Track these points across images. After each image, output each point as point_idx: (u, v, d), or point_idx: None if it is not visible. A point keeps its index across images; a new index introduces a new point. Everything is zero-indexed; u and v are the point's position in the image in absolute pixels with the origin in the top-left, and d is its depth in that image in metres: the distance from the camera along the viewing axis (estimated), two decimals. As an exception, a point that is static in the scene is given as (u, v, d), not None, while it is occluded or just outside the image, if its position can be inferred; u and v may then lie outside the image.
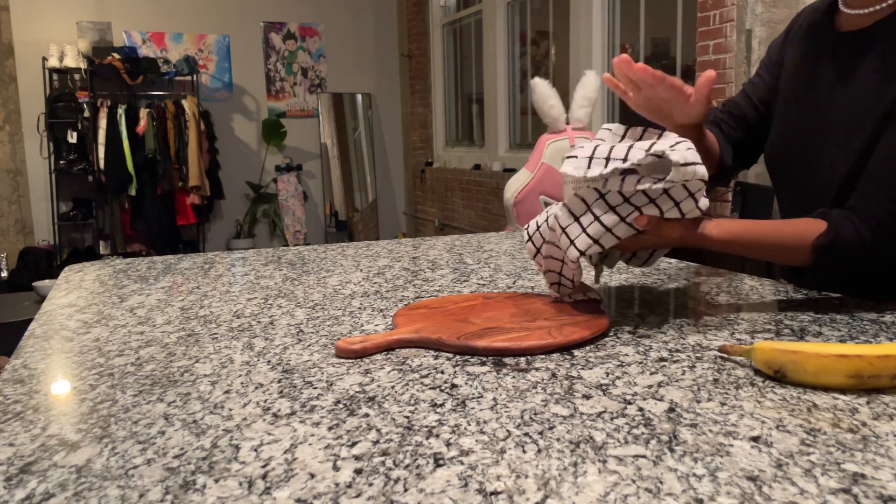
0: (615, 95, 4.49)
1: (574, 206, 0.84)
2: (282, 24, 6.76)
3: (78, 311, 1.04)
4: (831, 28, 1.05)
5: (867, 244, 0.91)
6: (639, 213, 0.82)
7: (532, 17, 5.38)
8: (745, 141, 1.17)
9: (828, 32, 1.05)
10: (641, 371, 0.70)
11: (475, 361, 0.74)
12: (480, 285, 1.13)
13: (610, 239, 0.83)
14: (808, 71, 1.07)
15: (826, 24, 1.07)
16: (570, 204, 0.85)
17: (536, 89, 3.21)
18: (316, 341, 0.84)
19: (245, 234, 6.69)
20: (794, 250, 0.92)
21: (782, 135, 1.10)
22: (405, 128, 7.24)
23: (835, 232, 0.91)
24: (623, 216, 0.82)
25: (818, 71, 1.05)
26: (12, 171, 5.96)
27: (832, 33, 1.04)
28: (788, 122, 1.09)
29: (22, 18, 5.92)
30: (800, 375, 0.65)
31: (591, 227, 0.83)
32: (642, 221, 0.82)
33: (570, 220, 0.84)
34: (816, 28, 1.09)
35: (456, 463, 0.51)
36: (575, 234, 0.83)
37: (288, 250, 1.57)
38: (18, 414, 0.63)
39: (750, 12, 3.08)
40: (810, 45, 1.08)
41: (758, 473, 0.48)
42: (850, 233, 0.91)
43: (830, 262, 0.92)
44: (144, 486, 0.49)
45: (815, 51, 1.07)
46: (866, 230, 0.91)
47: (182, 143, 5.94)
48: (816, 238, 0.91)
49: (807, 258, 0.92)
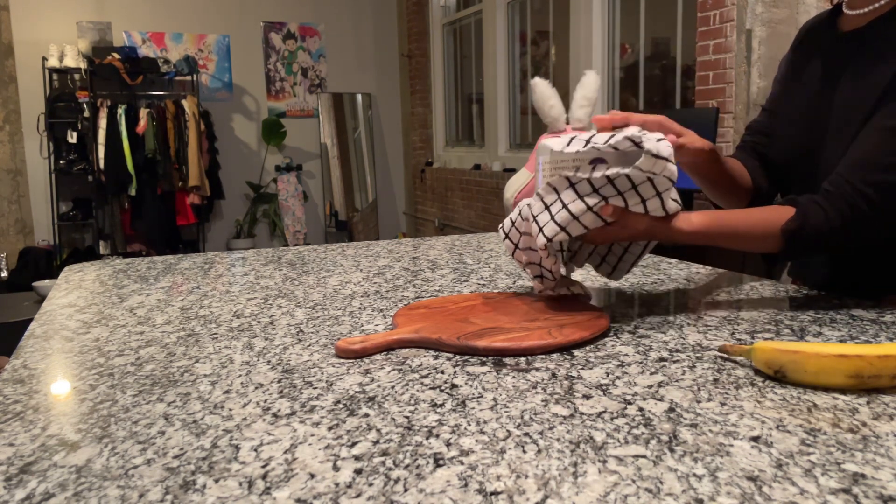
0: (615, 96, 4.51)
1: (545, 194, 0.86)
2: (282, 24, 6.77)
3: (78, 311, 1.04)
4: (833, 31, 1.06)
5: (836, 227, 0.90)
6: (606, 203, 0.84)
7: (532, 17, 5.38)
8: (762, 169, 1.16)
9: (830, 35, 1.07)
10: (641, 371, 0.70)
11: (475, 361, 0.74)
12: (480, 285, 1.13)
13: (577, 227, 0.84)
14: (811, 74, 1.08)
15: (828, 28, 1.08)
16: (541, 192, 0.86)
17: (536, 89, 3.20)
18: (316, 341, 0.84)
19: (245, 234, 6.69)
20: (764, 237, 0.91)
21: (787, 137, 1.11)
22: (405, 128, 7.24)
23: (802, 217, 0.90)
24: (590, 205, 0.83)
25: (820, 73, 1.06)
26: (12, 171, 5.96)
27: (834, 35, 1.06)
28: (793, 124, 1.10)
29: (22, 18, 5.92)
30: (800, 375, 0.65)
31: (559, 215, 0.84)
32: (608, 210, 0.83)
33: (540, 209, 0.86)
34: (819, 33, 1.10)
35: (456, 463, 0.51)
36: (544, 222, 0.85)
37: (288, 250, 1.57)
38: (18, 414, 0.63)
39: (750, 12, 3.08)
40: (813, 49, 1.10)
41: (758, 473, 0.48)
42: (819, 216, 0.90)
43: (800, 247, 0.91)
44: (144, 486, 0.49)
45: (818, 54, 1.08)
46: (835, 213, 0.90)
47: (182, 143, 5.94)
48: (785, 223, 0.90)
49: (777, 244, 0.91)
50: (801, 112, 1.08)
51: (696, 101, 3.39)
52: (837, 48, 1.04)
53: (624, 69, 4.39)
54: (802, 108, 1.08)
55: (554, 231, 0.84)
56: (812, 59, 1.09)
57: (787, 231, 0.90)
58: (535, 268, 0.92)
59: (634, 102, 4.29)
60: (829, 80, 1.04)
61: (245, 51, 6.65)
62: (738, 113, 3.18)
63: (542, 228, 0.85)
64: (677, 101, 3.86)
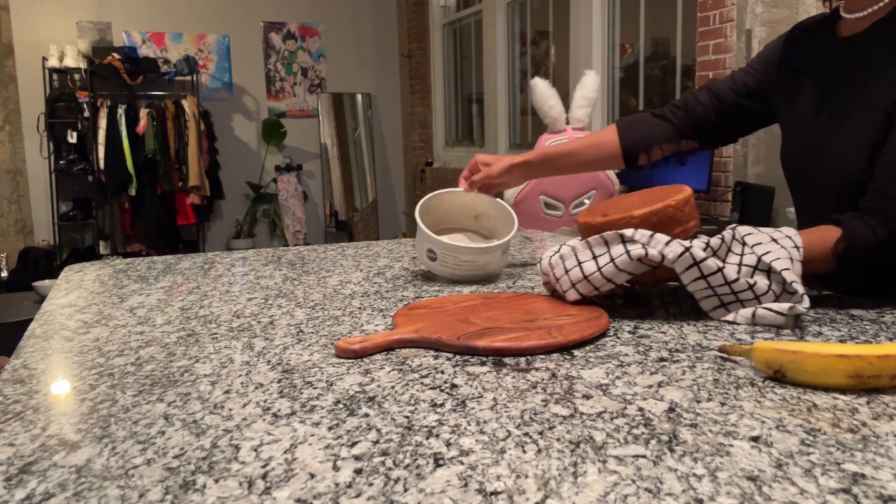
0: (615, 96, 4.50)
1: (592, 245, 0.91)
2: (282, 24, 6.76)
3: (78, 311, 1.04)
4: (834, 36, 1.07)
5: (884, 242, 0.92)
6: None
7: (532, 17, 5.38)
8: (717, 122, 1.21)
9: (831, 40, 1.07)
10: (641, 371, 0.70)
11: (475, 361, 0.74)
12: (480, 285, 1.13)
13: (622, 277, 0.88)
14: (816, 79, 1.08)
15: (827, 33, 1.08)
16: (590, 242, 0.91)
17: (536, 89, 3.21)
18: (316, 341, 0.84)
19: (245, 234, 6.69)
20: (816, 261, 0.92)
21: (797, 141, 1.12)
22: (405, 128, 7.24)
23: (850, 237, 0.92)
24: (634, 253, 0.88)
25: (826, 77, 1.07)
26: (12, 171, 5.96)
27: (835, 40, 1.06)
28: (801, 128, 1.10)
29: (22, 18, 5.92)
30: (800, 375, 0.65)
31: (605, 268, 0.89)
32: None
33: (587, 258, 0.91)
34: (818, 39, 1.10)
35: (456, 463, 0.51)
36: (589, 272, 0.90)
37: (288, 250, 1.57)
38: (18, 414, 0.63)
39: (750, 12, 3.08)
40: (814, 55, 1.10)
41: (758, 473, 0.48)
42: (866, 234, 0.92)
43: (853, 266, 0.93)
44: (144, 486, 0.49)
45: (820, 59, 1.08)
46: (881, 229, 0.92)
47: (182, 143, 5.94)
48: (834, 245, 0.92)
49: (829, 266, 0.93)
50: (810, 117, 1.08)
51: (696, 101, 3.38)
52: (842, 52, 1.04)
53: (624, 69, 4.39)
54: (813, 113, 1.08)
55: (598, 283, 0.89)
56: (813, 66, 1.09)
57: (838, 253, 0.92)
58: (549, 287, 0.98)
59: (634, 102, 4.29)
60: (837, 85, 1.04)
61: (245, 51, 6.65)
62: (738, 113, 3.17)
63: (587, 277, 0.89)
64: (677, 101, 3.85)
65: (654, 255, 0.84)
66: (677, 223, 0.93)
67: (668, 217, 0.93)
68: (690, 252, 0.84)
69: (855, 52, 1.02)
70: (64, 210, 6.04)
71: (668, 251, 0.84)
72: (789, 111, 1.13)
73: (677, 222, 0.93)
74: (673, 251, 0.84)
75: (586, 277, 0.89)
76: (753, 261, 0.87)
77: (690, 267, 0.85)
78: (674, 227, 0.93)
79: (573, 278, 0.90)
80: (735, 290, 0.86)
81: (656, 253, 0.84)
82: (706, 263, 0.84)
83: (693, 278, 0.86)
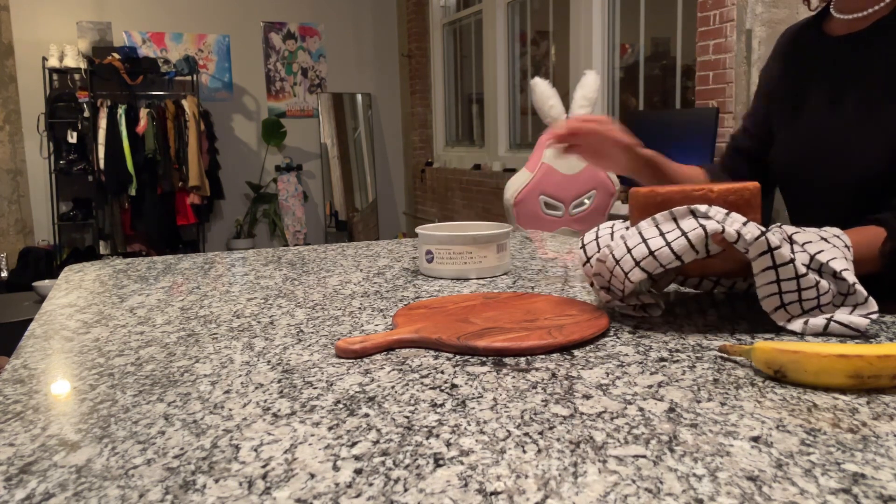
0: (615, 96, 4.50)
1: (657, 222, 0.83)
2: (282, 24, 6.77)
3: (78, 311, 1.04)
4: (823, 37, 1.06)
5: None
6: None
7: (532, 17, 5.38)
8: (745, 173, 1.20)
9: (821, 41, 1.06)
10: (641, 371, 0.70)
11: (475, 361, 0.74)
12: (480, 285, 1.13)
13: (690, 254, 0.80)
14: (809, 81, 1.07)
15: (816, 35, 1.07)
16: (657, 219, 0.83)
17: (536, 89, 3.21)
18: (316, 341, 0.84)
19: (245, 234, 6.69)
20: (863, 262, 0.91)
21: (794, 144, 1.11)
22: (405, 128, 7.24)
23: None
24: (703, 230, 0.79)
25: (821, 78, 1.05)
26: (12, 171, 5.96)
27: (826, 41, 1.05)
28: (799, 131, 1.09)
29: (22, 18, 5.92)
30: (800, 375, 0.65)
31: (672, 243, 0.80)
32: (718, 237, 0.79)
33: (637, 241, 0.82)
34: (805, 41, 1.09)
35: (456, 463, 0.51)
36: (655, 247, 0.81)
37: (288, 250, 1.57)
38: (18, 414, 0.63)
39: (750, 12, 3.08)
40: (803, 58, 1.09)
41: (758, 473, 0.48)
42: None
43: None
44: (144, 486, 0.49)
45: (812, 61, 1.07)
46: None
47: (182, 143, 5.94)
48: (882, 245, 0.91)
49: (876, 266, 0.92)
50: (807, 119, 1.08)
51: (696, 101, 3.39)
52: (838, 52, 1.03)
53: (624, 69, 4.39)
54: (810, 115, 1.07)
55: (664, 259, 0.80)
56: (805, 68, 1.08)
57: (885, 253, 0.92)
58: (601, 280, 0.88)
59: (634, 102, 4.29)
60: (836, 85, 1.03)
61: (245, 51, 6.65)
62: (737, 113, 3.18)
63: (653, 253, 0.80)
64: (677, 102, 3.86)
65: (731, 233, 0.77)
66: (751, 210, 0.85)
67: (745, 200, 0.85)
68: (766, 237, 0.77)
69: (855, 50, 1.01)
70: (64, 210, 6.04)
71: (746, 231, 0.77)
72: (792, 116, 1.11)
73: (752, 209, 0.85)
74: (751, 233, 0.77)
75: (652, 253, 0.79)
76: (806, 259, 0.82)
77: (764, 254, 0.77)
78: (748, 213, 0.85)
79: (636, 256, 0.81)
80: (802, 286, 0.79)
81: (733, 231, 0.76)
82: (780, 252, 0.77)
83: (764, 267, 0.78)
